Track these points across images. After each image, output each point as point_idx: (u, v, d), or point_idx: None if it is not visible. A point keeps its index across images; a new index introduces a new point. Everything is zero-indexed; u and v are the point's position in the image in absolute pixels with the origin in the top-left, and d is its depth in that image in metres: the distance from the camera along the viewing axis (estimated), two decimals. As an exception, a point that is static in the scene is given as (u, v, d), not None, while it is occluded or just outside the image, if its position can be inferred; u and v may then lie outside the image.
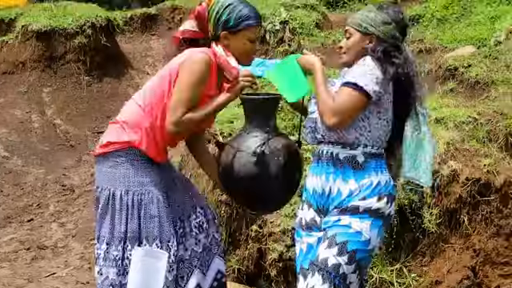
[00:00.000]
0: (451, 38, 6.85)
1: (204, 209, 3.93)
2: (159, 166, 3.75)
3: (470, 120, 4.74)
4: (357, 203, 3.32)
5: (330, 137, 3.38)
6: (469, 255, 4.27)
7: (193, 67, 3.54)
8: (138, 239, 3.66)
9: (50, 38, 9.38)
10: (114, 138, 3.67)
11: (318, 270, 3.29)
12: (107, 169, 3.68)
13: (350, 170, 3.35)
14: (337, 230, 3.31)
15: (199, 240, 3.89)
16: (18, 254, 6.04)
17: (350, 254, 3.28)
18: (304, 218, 3.49)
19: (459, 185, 4.33)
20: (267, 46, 8.27)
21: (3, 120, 8.59)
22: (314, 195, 3.45)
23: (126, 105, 3.79)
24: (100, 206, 3.71)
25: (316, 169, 3.44)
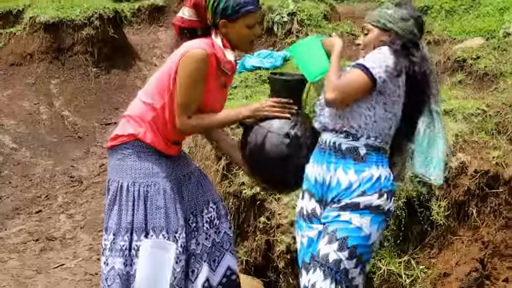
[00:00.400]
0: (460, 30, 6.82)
1: (217, 204, 3.94)
2: (170, 159, 3.76)
3: (478, 112, 4.72)
4: (357, 200, 3.31)
5: (335, 124, 3.37)
6: (477, 247, 4.26)
7: (190, 68, 3.54)
8: (145, 230, 3.68)
9: (58, 29, 9.39)
10: (120, 131, 3.72)
11: (320, 265, 3.29)
12: (115, 161, 3.73)
13: (350, 162, 3.35)
14: (337, 226, 3.30)
15: (209, 235, 3.90)
16: (27, 245, 6.06)
17: (350, 249, 3.28)
18: (305, 208, 3.48)
19: (468, 177, 4.32)
20: (275, 37, 8.26)
21: (11, 112, 8.61)
22: (315, 185, 3.43)
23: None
24: (108, 197, 3.75)
25: (318, 157, 3.44)
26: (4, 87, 9.11)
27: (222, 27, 3.59)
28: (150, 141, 3.66)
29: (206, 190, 3.93)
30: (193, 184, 3.88)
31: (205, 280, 3.86)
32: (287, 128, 3.55)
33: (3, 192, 7.07)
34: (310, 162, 3.47)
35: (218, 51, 3.57)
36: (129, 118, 3.71)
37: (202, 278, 3.86)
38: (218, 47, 3.57)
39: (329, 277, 3.27)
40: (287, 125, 3.56)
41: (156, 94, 3.66)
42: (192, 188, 3.87)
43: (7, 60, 9.47)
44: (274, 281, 4.87)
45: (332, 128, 3.39)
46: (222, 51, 3.57)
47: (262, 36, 8.38)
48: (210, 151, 5.56)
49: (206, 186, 3.95)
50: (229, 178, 5.29)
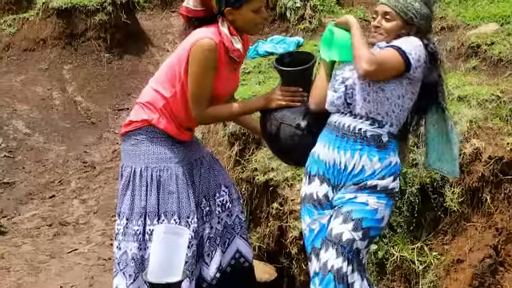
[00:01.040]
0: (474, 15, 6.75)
1: (229, 188, 3.96)
2: (183, 144, 3.78)
3: (493, 98, 4.69)
4: (375, 182, 3.34)
5: (362, 108, 3.34)
6: (491, 234, 4.24)
7: (199, 59, 3.56)
8: (157, 214, 3.70)
9: (71, 15, 9.38)
10: (134, 117, 3.75)
11: (332, 244, 3.31)
12: (129, 147, 3.75)
13: (374, 149, 3.36)
14: (353, 207, 3.32)
15: (221, 219, 3.92)
16: (40, 230, 6.10)
17: (364, 230, 3.31)
18: (315, 194, 3.46)
19: (482, 163, 4.30)
20: (288, 23, 8.21)
21: (24, 97, 8.63)
22: (332, 170, 3.41)
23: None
24: (121, 182, 3.77)
25: (336, 142, 3.40)
26: (17, 73, 9.12)
27: (228, 15, 3.60)
28: (163, 127, 3.68)
29: (218, 173, 3.95)
30: (205, 168, 3.90)
31: (219, 263, 3.89)
32: (298, 118, 3.59)
33: (17, 177, 7.11)
34: (325, 147, 3.44)
35: (226, 39, 3.58)
36: (142, 104, 3.74)
37: (216, 262, 3.89)
38: (224, 35, 3.58)
39: (341, 255, 3.28)
40: (298, 114, 3.60)
41: (166, 82, 3.68)
42: (204, 172, 3.89)
43: (20, 45, 9.47)
44: (287, 267, 4.88)
45: (357, 113, 3.37)
46: (229, 39, 3.59)
47: (275, 22, 8.35)
48: (223, 137, 5.56)
49: (218, 170, 3.97)
50: (241, 163, 5.30)
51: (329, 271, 3.29)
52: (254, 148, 5.34)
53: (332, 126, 3.44)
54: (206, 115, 3.68)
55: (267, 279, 4.72)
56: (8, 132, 7.82)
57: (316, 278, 3.40)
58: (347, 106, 3.39)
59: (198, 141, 4.09)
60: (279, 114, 3.63)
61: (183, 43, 3.67)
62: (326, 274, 3.29)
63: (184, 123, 3.76)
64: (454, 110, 4.57)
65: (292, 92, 3.61)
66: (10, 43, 9.47)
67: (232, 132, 5.42)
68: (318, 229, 3.44)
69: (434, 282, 4.33)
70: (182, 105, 3.67)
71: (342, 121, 3.40)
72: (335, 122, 3.43)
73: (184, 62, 3.61)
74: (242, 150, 5.38)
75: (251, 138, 5.34)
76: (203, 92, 3.60)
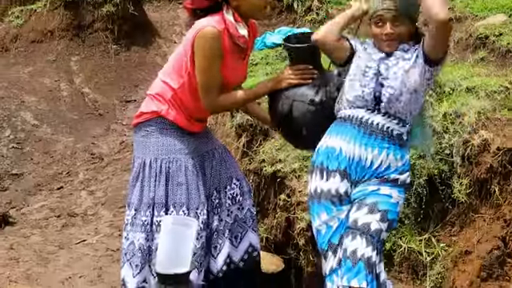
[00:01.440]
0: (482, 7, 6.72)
1: (240, 181, 3.95)
2: (194, 136, 3.78)
3: (501, 89, 4.67)
4: (397, 176, 3.41)
5: (392, 108, 3.38)
6: (499, 225, 4.23)
7: (204, 48, 3.56)
8: (165, 206, 3.71)
9: (78, 6, 9.39)
10: (144, 109, 3.76)
11: (361, 233, 3.30)
12: (139, 138, 3.77)
13: (398, 147, 3.42)
14: (377, 199, 3.35)
15: (231, 211, 3.92)
16: (49, 221, 6.13)
17: (389, 221, 3.36)
18: (334, 190, 3.43)
19: (490, 154, 4.28)
20: (295, 14, 8.20)
21: (32, 88, 8.65)
22: (356, 166, 3.41)
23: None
24: (132, 173, 3.78)
25: (363, 139, 3.40)
26: (25, 64, 9.14)
27: (233, 1, 3.59)
28: (173, 118, 3.69)
29: (230, 166, 3.95)
30: (216, 160, 3.90)
31: (226, 256, 3.90)
32: (311, 94, 3.58)
33: (25, 168, 7.14)
34: (349, 143, 3.42)
35: (230, 26, 3.57)
36: (152, 96, 3.75)
37: (223, 254, 3.89)
38: (229, 22, 3.57)
39: (371, 245, 3.29)
40: (310, 91, 3.59)
41: (174, 73, 3.69)
42: (215, 164, 3.89)
43: (28, 37, 9.48)
44: (294, 258, 4.88)
45: (386, 111, 3.40)
46: (234, 26, 3.58)
47: (282, 13, 8.34)
48: (230, 129, 5.57)
49: (230, 163, 3.97)
50: (249, 155, 5.30)
51: (359, 260, 3.26)
52: (261, 139, 5.34)
53: (357, 122, 3.42)
54: (217, 104, 3.68)
55: (274, 270, 4.73)
56: (16, 123, 7.84)
57: (334, 275, 3.40)
58: (376, 103, 3.40)
59: (210, 133, 4.08)
60: (290, 93, 3.61)
61: (187, 34, 3.68)
62: (357, 263, 3.26)
63: (194, 114, 3.76)
64: (462, 102, 4.56)
65: (302, 70, 3.61)
66: (17, 35, 9.49)
67: (239, 123, 5.42)
68: (337, 225, 3.43)
69: (441, 274, 4.32)
70: (190, 95, 3.68)
71: (370, 118, 3.40)
72: (361, 118, 3.41)
73: (189, 52, 3.61)
74: (249, 141, 5.38)
75: (258, 130, 5.34)
76: (212, 81, 3.60)
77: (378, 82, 3.39)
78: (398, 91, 3.36)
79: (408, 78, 3.37)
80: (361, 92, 3.41)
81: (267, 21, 8.22)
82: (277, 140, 5.19)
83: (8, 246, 5.56)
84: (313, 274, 4.68)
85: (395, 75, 3.38)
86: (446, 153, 4.42)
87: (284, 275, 4.84)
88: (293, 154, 5.00)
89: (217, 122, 5.80)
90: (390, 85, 3.36)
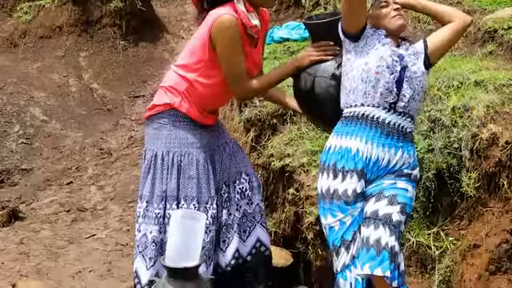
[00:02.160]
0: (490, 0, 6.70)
1: (249, 176, 3.96)
2: (206, 129, 3.79)
3: (510, 83, 4.65)
4: (410, 171, 3.45)
5: (407, 107, 3.40)
6: (508, 219, 4.23)
7: (226, 37, 3.56)
8: (177, 199, 3.72)
9: (86, 2, 9.43)
10: (157, 101, 3.76)
11: (383, 223, 3.32)
12: (151, 131, 3.77)
13: (409, 144, 3.47)
14: (395, 192, 3.39)
15: (240, 206, 3.92)
16: (59, 215, 6.16)
17: (407, 215, 3.42)
18: (352, 190, 3.40)
19: (499, 148, 4.27)
20: (302, 9, 8.18)
21: (41, 84, 8.68)
22: (372, 165, 3.41)
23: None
24: (144, 165, 3.79)
25: (382, 140, 3.40)
26: (34, 60, 9.17)
27: None
28: (186, 110, 3.69)
29: (240, 161, 3.95)
30: (226, 154, 3.90)
31: (235, 250, 3.91)
32: (332, 69, 3.60)
33: (34, 164, 7.17)
34: (367, 143, 3.40)
35: (243, 16, 3.58)
36: (165, 88, 3.75)
37: (232, 248, 3.90)
38: (241, 12, 3.58)
39: (394, 234, 3.31)
40: (332, 66, 3.62)
41: (188, 65, 3.69)
42: (225, 158, 3.90)
43: (36, 33, 9.52)
44: (303, 252, 4.89)
45: (402, 111, 3.41)
46: (246, 16, 3.58)
47: (290, 8, 8.33)
48: (239, 123, 5.58)
49: (240, 158, 3.97)
50: (257, 149, 5.31)
51: (383, 248, 3.27)
52: (269, 134, 5.35)
53: (374, 122, 3.41)
54: (248, 89, 3.69)
55: (283, 264, 4.74)
56: (25, 119, 7.88)
57: (347, 271, 3.40)
58: (394, 102, 3.40)
59: (222, 127, 4.09)
60: (312, 70, 3.64)
61: (202, 25, 3.67)
62: (381, 252, 3.27)
63: (208, 106, 3.76)
64: (470, 95, 4.55)
65: (323, 46, 3.62)
66: (26, 30, 9.53)
67: (248, 118, 5.43)
68: (351, 221, 3.42)
69: (450, 267, 4.32)
70: (205, 87, 3.68)
71: (386, 118, 3.40)
72: (378, 117, 3.40)
73: (207, 42, 3.61)
74: (257, 135, 5.39)
75: (267, 124, 5.35)
76: (238, 69, 3.61)
77: (400, 81, 3.39)
78: (417, 91, 3.42)
79: (424, 77, 3.48)
80: (382, 90, 3.39)
81: (275, 16, 8.22)
82: (285, 135, 5.20)
83: (18, 241, 5.60)
84: (322, 267, 4.69)
85: (415, 75, 3.43)
86: (454, 147, 4.41)
87: (293, 269, 4.85)
88: (301, 149, 5.01)
89: (225, 117, 5.81)
90: (411, 85, 3.40)
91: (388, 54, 3.41)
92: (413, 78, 3.42)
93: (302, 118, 5.24)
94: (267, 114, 5.36)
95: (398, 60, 3.41)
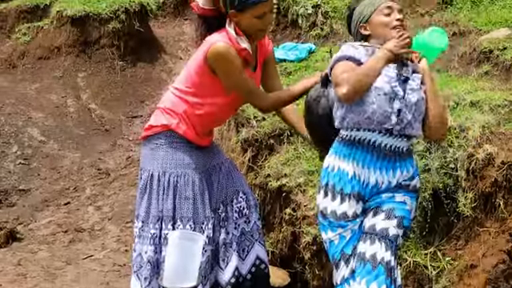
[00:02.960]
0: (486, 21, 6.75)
1: (247, 194, 3.98)
2: (202, 150, 3.81)
3: (505, 103, 4.68)
4: (408, 182, 3.45)
5: (404, 130, 3.36)
6: (504, 239, 4.23)
7: (226, 64, 3.63)
8: (173, 219, 3.74)
9: (85, 23, 9.46)
10: (154, 122, 3.79)
11: (379, 238, 3.33)
12: (148, 151, 3.80)
13: (408, 161, 3.46)
14: (393, 205, 3.39)
15: (238, 225, 3.94)
16: (56, 236, 6.15)
17: (404, 228, 3.41)
18: (352, 212, 3.42)
19: (495, 168, 4.29)
20: (299, 30, 8.24)
21: (39, 105, 8.70)
22: (371, 188, 3.42)
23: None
24: (140, 186, 3.81)
25: (379, 163, 3.39)
26: (32, 81, 9.20)
27: (233, 17, 3.64)
28: (183, 132, 3.72)
29: (236, 180, 3.98)
30: (223, 174, 3.93)
31: (234, 268, 3.92)
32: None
33: (32, 184, 7.17)
34: (364, 167, 3.40)
35: (233, 40, 3.61)
36: (162, 110, 3.78)
37: (231, 267, 3.91)
38: (231, 35, 3.62)
39: (389, 249, 3.32)
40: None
41: (186, 88, 3.73)
42: (222, 178, 3.92)
43: (35, 54, 9.55)
44: (300, 272, 4.89)
45: (402, 134, 3.38)
46: (234, 39, 3.62)
47: (287, 28, 8.38)
48: (236, 143, 5.60)
49: (236, 177, 4.00)
50: (254, 169, 5.33)
51: (379, 263, 3.29)
52: (266, 154, 5.37)
53: (370, 147, 3.39)
54: (271, 101, 3.75)
55: (280, 284, 4.74)
56: (23, 139, 7.89)
57: (345, 284, 3.41)
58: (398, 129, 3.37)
59: (217, 147, 4.12)
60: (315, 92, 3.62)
61: (198, 50, 3.72)
62: (377, 266, 3.29)
63: (205, 128, 3.79)
64: (466, 116, 4.58)
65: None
66: (24, 51, 9.56)
67: (245, 138, 5.46)
68: (350, 235, 3.44)
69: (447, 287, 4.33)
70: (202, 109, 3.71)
71: (382, 141, 3.38)
72: (374, 141, 3.38)
73: (205, 67, 3.65)
74: (254, 156, 5.41)
75: (264, 145, 5.37)
76: (250, 85, 3.67)
77: (397, 106, 3.34)
78: (416, 115, 3.37)
79: (421, 103, 3.38)
80: (380, 117, 3.34)
81: (272, 37, 8.26)
82: (282, 155, 5.21)
83: (16, 262, 5.58)
84: (318, 287, 4.70)
85: (415, 99, 3.36)
86: (450, 167, 4.44)
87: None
88: (298, 169, 5.03)
89: (222, 137, 5.83)
90: (410, 110, 3.35)
91: (385, 81, 3.34)
92: (413, 103, 3.36)
93: (298, 139, 5.27)
94: (264, 135, 5.38)
95: (396, 85, 3.34)
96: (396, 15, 3.42)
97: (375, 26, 3.46)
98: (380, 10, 3.45)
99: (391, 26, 3.41)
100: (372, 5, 3.48)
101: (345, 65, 3.38)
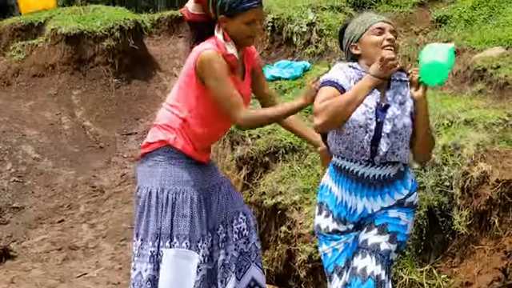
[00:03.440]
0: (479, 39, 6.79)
1: (247, 215, 3.94)
2: (200, 168, 3.80)
3: (499, 121, 4.71)
4: (402, 199, 3.41)
5: (386, 159, 3.33)
6: (499, 257, 4.24)
7: (212, 70, 3.58)
8: (170, 236, 3.71)
9: (79, 40, 9.49)
10: (151, 139, 3.76)
11: (370, 252, 3.33)
12: (146, 168, 3.76)
13: (399, 182, 3.41)
14: (387, 221, 3.38)
15: (238, 246, 3.90)
16: (50, 254, 6.12)
17: (398, 243, 3.38)
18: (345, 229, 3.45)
19: (489, 186, 4.31)
20: (294, 47, 8.27)
21: (34, 122, 8.70)
22: (359, 214, 3.41)
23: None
24: (138, 204, 3.78)
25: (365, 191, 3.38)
26: (26, 98, 9.21)
27: (222, 22, 3.64)
28: (181, 147, 3.70)
29: (236, 200, 3.95)
30: (222, 194, 3.90)
31: None
32: None
33: (26, 202, 7.15)
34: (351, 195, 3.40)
35: (220, 45, 3.61)
36: (159, 126, 3.77)
37: None
38: (219, 41, 3.62)
39: (380, 263, 3.32)
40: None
41: (179, 102, 3.72)
42: (222, 198, 3.89)
43: (29, 71, 9.57)
44: (296, 290, 4.89)
45: (385, 161, 3.35)
46: (222, 44, 3.62)
47: (282, 46, 8.40)
48: (231, 161, 5.59)
49: (236, 197, 3.97)
50: (250, 187, 5.32)
51: (369, 277, 3.29)
52: (261, 172, 5.37)
53: (354, 176, 3.38)
54: (249, 117, 3.62)
55: (276, 302, 4.74)
56: (17, 157, 7.87)
57: None
58: (371, 156, 3.34)
59: (215, 166, 4.09)
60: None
61: (187, 61, 3.72)
62: (366, 280, 3.29)
63: (202, 142, 3.76)
64: (460, 134, 4.60)
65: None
66: (19, 69, 9.58)
67: (240, 156, 5.46)
68: (343, 248, 3.45)
69: (443, 305, 4.33)
70: (197, 122, 3.70)
71: (365, 172, 3.36)
72: (357, 172, 3.37)
73: (194, 78, 3.64)
74: (249, 173, 5.41)
75: (259, 162, 5.38)
76: (233, 96, 3.58)
77: (374, 136, 3.31)
78: (396, 144, 3.33)
79: (405, 130, 3.33)
80: (357, 148, 3.34)
81: (267, 54, 8.29)
82: (277, 173, 5.22)
83: (9, 280, 5.55)
84: (314, 306, 4.69)
85: (396, 128, 3.32)
86: (445, 185, 4.45)
87: (285, 307, 4.84)
88: (293, 187, 5.03)
89: (218, 155, 5.83)
90: (389, 140, 3.31)
91: (362, 112, 3.30)
92: (392, 132, 3.31)
93: (293, 156, 5.28)
94: (259, 152, 5.39)
95: (372, 118, 3.30)
96: (387, 35, 3.35)
97: (366, 45, 3.39)
98: (371, 30, 3.38)
99: (382, 46, 3.34)
100: (363, 24, 3.42)
101: (327, 91, 3.33)
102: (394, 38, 3.36)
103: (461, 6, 8.17)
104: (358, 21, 3.47)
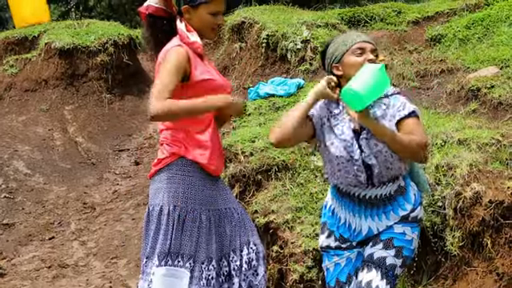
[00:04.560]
0: (473, 59, 6.80)
1: (257, 246, 3.87)
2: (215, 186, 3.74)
3: (493, 142, 4.70)
4: (406, 215, 3.39)
5: (382, 177, 3.33)
6: (492, 279, 4.22)
7: (166, 61, 3.58)
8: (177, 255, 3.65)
9: (73, 55, 9.47)
10: (162, 155, 3.71)
11: (376, 266, 3.33)
12: (158, 184, 3.70)
13: (401, 198, 3.40)
14: (392, 236, 3.37)
15: (247, 277, 3.82)
16: (40, 272, 6.05)
17: (403, 258, 3.37)
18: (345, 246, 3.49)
19: (482, 207, 4.29)
20: (288, 64, 8.27)
21: (25, 137, 8.65)
22: (364, 235, 3.42)
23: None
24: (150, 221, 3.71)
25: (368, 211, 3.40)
26: (18, 113, 9.17)
27: (186, 13, 3.66)
28: (192, 157, 3.66)
29: (249, 229, 3.86)
30: (236, 221, 3.81)
31: None
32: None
33: (16, 218, 7.08)
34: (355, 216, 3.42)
35: (183, 36, 3.61)
36: (165, 144, 3.72)
37: None
38: (181, 32, 3.61)
39: (385, 278, 3.31)
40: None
41: None
42: (235, 225, 3.80)
43: (22, 86, 9.54)
44: (287, 310, 4.84)
45: (382, 181, 3.36)
46: (185, 35, 3.61)
47: (276, 63, 8.40)
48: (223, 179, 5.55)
49: (249, 226, 3.88)
50: (242, 205, 5.28)
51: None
52: (254, 190, 5.34)
53: (356, 199, 3.41)
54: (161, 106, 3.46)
55: (267, 323, 4.69)
56: (8, 173, 7.82)
57: None
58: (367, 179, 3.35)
59: (229, 189, 4.04)
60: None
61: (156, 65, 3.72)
62: None
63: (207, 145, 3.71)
64: (454, 154, 4.58)
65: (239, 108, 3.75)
66: (11, 83, 9.54)
67: (232, 174, 5.43)
68: (345, 263, 3.48)
69: (435, 327, 4.30)
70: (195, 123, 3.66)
71: (366, 194, 3.39)
72: (358, 195, 3.40)
73: None
74: (242, 191, 5.38)
75: (251, 180, 5.35)
76: (164, 87, 3.51)
77: (363, 163, 3.33)
78: (387, 161, 3.32)
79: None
80: (351, 176, 3.37)
81: (261, 71, 8.28)
82: (269, 191, 5.19)
83: (-2, 298, 5.51)
84: (306, 326, 4.65)
85: (377, 147, 3.31)
86: (438, 205, 4.43)
87: (277, 328, 4.80)
88: (285, 205, 5.00)
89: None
90: (375, 162, 3.31)
91: (343, 147, 3.35)
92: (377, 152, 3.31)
93: (286, 174, 5.25)
94: (252, 170, 5.37)
95: (353, 149, 3.33)
96: (368, 55, 3.34)
97: (347, 66, 3.37)
98: (352, 51, 3.37)
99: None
100: (344, 44, 3.40)
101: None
102: (374, 58, 3.36)
103: (455, 25, 8.20)
104: (338, 41, 3.45)
